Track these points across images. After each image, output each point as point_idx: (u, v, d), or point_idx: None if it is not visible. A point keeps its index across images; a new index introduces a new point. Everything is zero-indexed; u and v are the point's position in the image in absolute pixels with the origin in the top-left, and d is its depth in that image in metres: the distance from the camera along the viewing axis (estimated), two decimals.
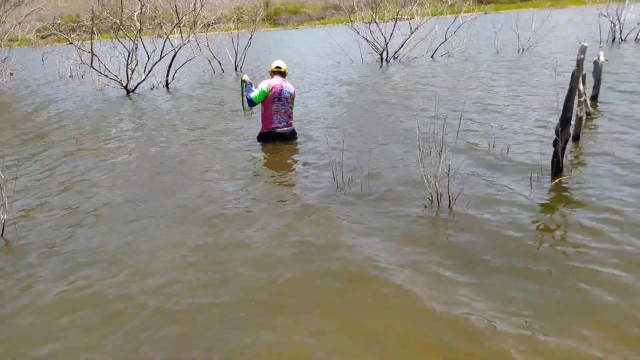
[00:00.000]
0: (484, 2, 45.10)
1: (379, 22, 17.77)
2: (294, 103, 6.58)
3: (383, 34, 17.06)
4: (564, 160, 4.45)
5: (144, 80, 13.68)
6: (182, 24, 14.59)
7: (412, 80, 11.96)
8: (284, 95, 6.31)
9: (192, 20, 14.98)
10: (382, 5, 18.46)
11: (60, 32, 14.75)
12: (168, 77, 14.19)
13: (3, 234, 3.98)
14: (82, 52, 13.31)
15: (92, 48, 12.84)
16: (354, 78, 13.53)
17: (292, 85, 6.52)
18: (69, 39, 13.91)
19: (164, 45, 13.99)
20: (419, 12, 17.84)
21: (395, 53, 17.33)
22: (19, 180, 5.25)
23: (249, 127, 7.29)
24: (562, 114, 4.28)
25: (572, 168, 4.63)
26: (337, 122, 7.69)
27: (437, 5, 18.77)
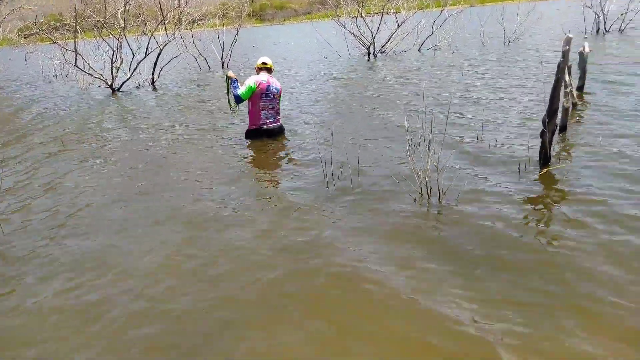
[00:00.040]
0: None
1: (366, 16, 17.75)
2: (281, 99, 6.53)
3: (370, 28, 17.04)
4: (551, 151, 4.46)
5: (130, 79, 13.53)
6: (166, 21, 14.44)
7: (399, 75, 11.94)
8: (271, 91, 6.26)
9: (176, 17, 14.83)
10: None
11: (43, 31, 14.54)
12: (154, 75, 14.06)
13: None
14: (65, 51, 13.10)
15: (75, 47, 12.64)
16: (341, 73, 13.47)
17: (278, 82, 6.48)
18: (52, 38, 13.72)
19: (149, 43, 13.82)
20: (405, 5, 17.86)
21: (382, 47, 17.33)
22: (2, 182, 5.16)
23: (236, 124, 7.23)
24: (548, 105, 4.29)
25: (559, 159, 4.65)
26: (324, 117, 7.65)
27: None
